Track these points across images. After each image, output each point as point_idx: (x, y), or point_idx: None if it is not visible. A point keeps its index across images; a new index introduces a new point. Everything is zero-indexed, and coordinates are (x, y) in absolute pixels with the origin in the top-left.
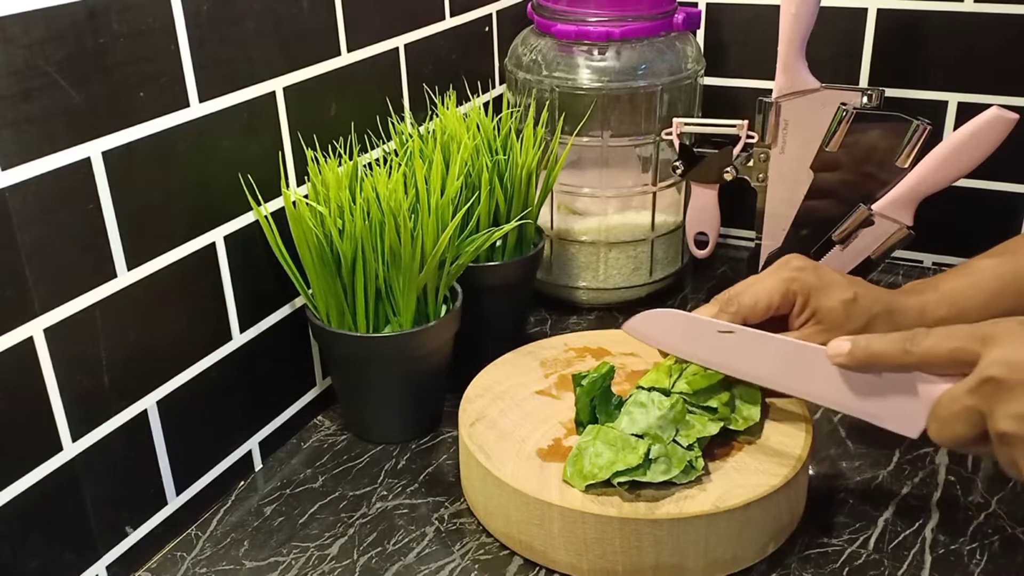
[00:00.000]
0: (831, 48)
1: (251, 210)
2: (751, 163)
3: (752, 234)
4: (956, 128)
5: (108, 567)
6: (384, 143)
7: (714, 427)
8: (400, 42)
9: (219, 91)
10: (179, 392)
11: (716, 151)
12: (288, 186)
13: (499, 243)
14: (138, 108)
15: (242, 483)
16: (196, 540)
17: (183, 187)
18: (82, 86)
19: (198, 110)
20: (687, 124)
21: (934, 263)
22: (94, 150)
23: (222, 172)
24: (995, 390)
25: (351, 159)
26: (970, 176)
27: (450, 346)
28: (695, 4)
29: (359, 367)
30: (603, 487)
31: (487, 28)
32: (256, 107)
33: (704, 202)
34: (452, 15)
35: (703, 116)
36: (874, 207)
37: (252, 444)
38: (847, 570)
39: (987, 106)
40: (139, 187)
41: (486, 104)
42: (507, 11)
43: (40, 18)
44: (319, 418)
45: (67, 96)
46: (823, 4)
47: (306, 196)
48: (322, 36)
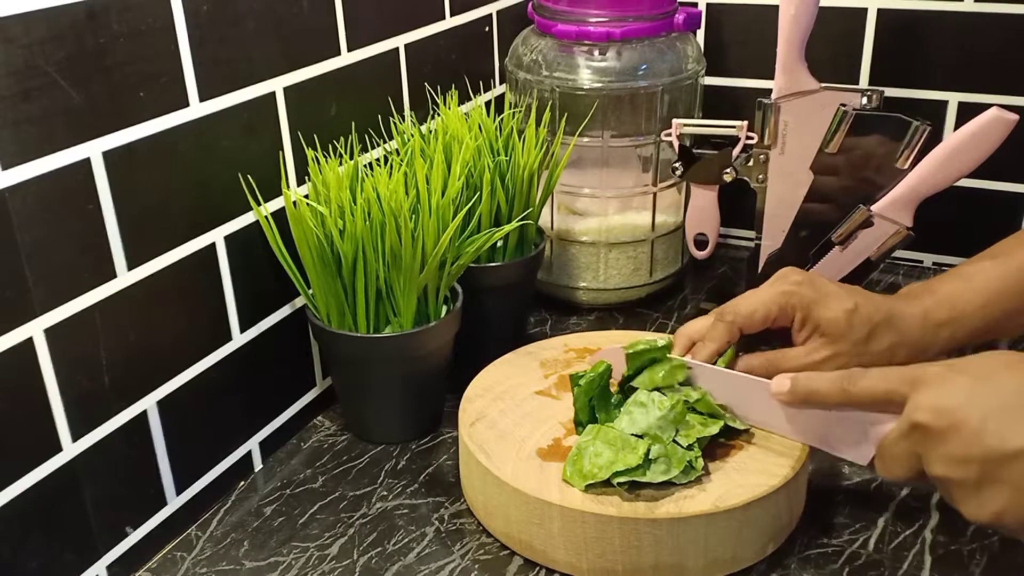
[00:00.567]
0: (831, 48)
1: (251, 210)
2: (751, 164)
3: (752, 234)
4: (956, 128)
5: (108, 567)
6: (385, 143)
7: (714, 427)
8: (400, 42)
9: (219, 91)
10: (179, 392)
11: (716, 152)
12: (288, 186)
13: (500, 243)
14: (138, 108)
15: (242, 483)
16: (196, 540)
17: (183, 187)
18: (82, 86)
19: (198, 110)
20: (687, 125)
21: (934, 263)
22: (94, 150)
23: (222, 172)
24: (924, 436)
25: (352, 159)
26: (970, 176)
27: (450, 346)
28: (695, 4)
29: (359, 367)
30: (603, 487)
31: (487, 28)
32: (256, 107)
33: (704, 203)
34: (452, 15)
35: (703, 116)
36: (874, 208)
37: (252, 444)
38: (847, 570)
39: (987, 106)
40: (139, 187)
41: (487, 104)
42: (507, 11)
43: (40, 18)
44: (319, 418)
45: (67, 96)
46: (823, 4)
47: (306, 196)
48: (322, 36)
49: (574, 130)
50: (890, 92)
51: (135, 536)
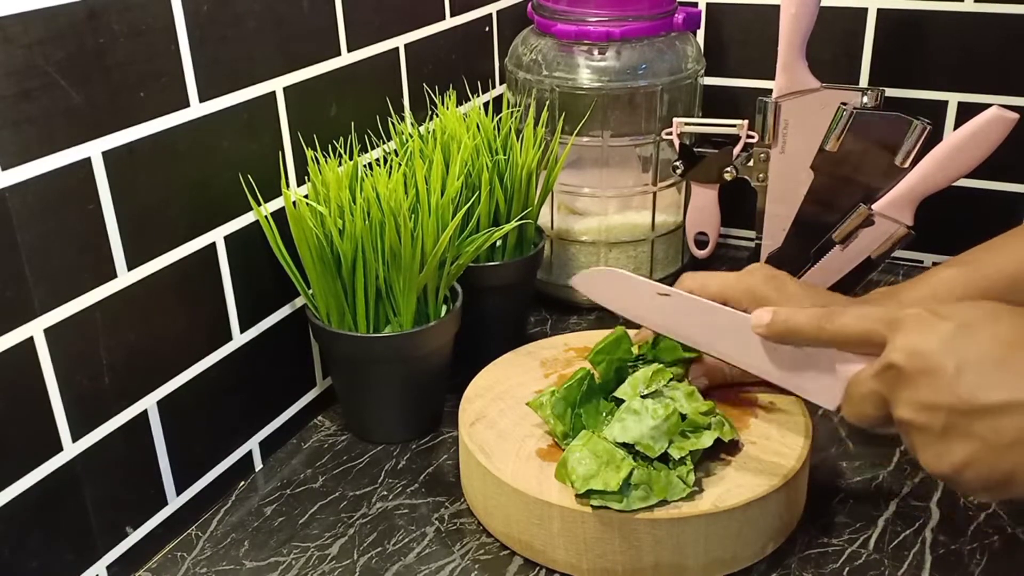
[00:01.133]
0: (831, 48)
1: (251, 210)
2: (751, 163)
3: (752, 234)
4: (956, 128)
5: (108, 567)
6: (384, 143)
7: (708, 439)
8: (400, 42)
9: (219, 91)
10: (179, 392)
11: (716, 151)
12: (288, 186)
13: (499, 243)
14: (138, 108)
15: (242, 483)
16: (196, 540)
17: (183, 187)
18: (82, 86)
19: (198, 110)
20: (687, 124)
21: (934, 263)
22: (94, 150)
23: (222, 172)
24: (895, 377)
25: (351, 159)
26: (970, 176)
27: (450, 346)
28: (695, 4)
29: (359, 367)
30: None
31: (487, 28)
32: (256, 107)
33: (704, 202)
34: (452, 15)
35: (703, 116)
36: (874, 207)
37: (252, 444)
38: (847, 570)
39: (987, 106)
40: (139, 187)
41: (486, 104)
42: (507, 11)
43: (40, 18)
44: (319, 418)
45: (67, 96)
46: (823, 4)
47: (306, 196)
48: (322, 36)
49: (573, 129)
50: (890, 92)
51: (135, 536)
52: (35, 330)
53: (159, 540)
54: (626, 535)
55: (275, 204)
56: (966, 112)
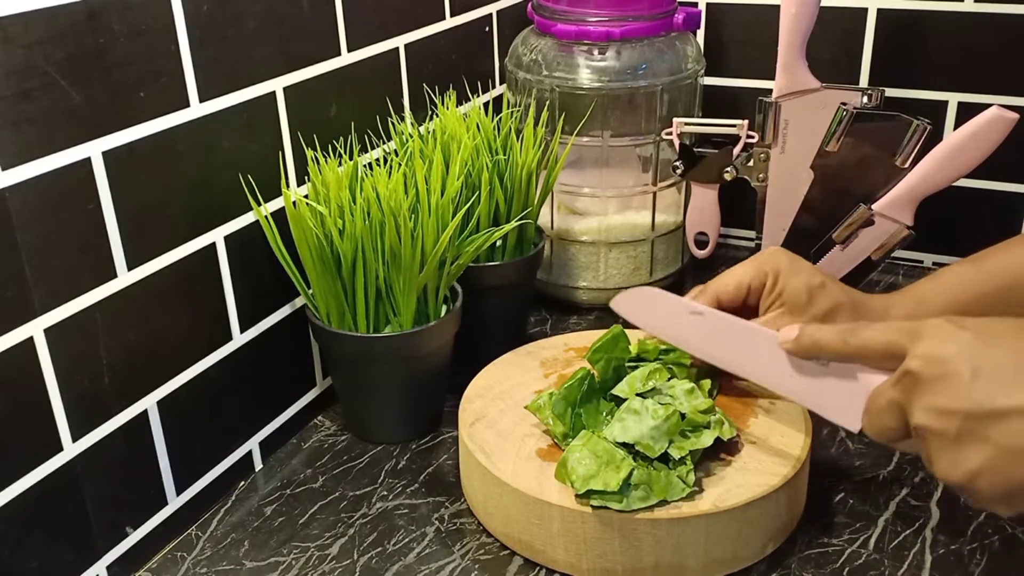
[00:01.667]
0: (831, 48)
1: (251, 210)
2: (751, 163)
3: (752, 234)
4: (956, 128)
5: (108, 567)
6: (384, 143)
7: (708, 438)
8: (400, 42)
9: (219, 91)
10: (179, 392)
11: (716, 151)
12: (288, 186)
13: (499, 243)
14: (138, 108)
15: (242, 483)
16: (196, 540)
17: (183, 187)
18: (82, 86)
19: (198, 110)
20: (687, 124)
21: (934, 263)
22: (94, 150)
23: (222, 172)
24: (912, 383)
25: (351, 159)
26: (970, 176)
27: (450, 346)
28: (695, 4)
29: (359, 367)
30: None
31: (487, 28)
32: (256, 107)
33: (704, 202)
34: (452, 15)
35: (703, 116)
36: (874, 207)
37: (252, 444)
38: (847, 570)
39: (987, 106)
40: (139, 187)
41: (486, 104)
42: (507, 11)
43: (40, 18)
44: (319, 418)
45: (67, 96)
46: (823, 4)
47: (306, 196)
48: (322, 36)
49: (573, 129)
50: (890, 92)
51: (135, 536)
52: (35, 330)
53: (159, 540)
54: (626, 535)
55: (275, 204)
56: (966, 112)
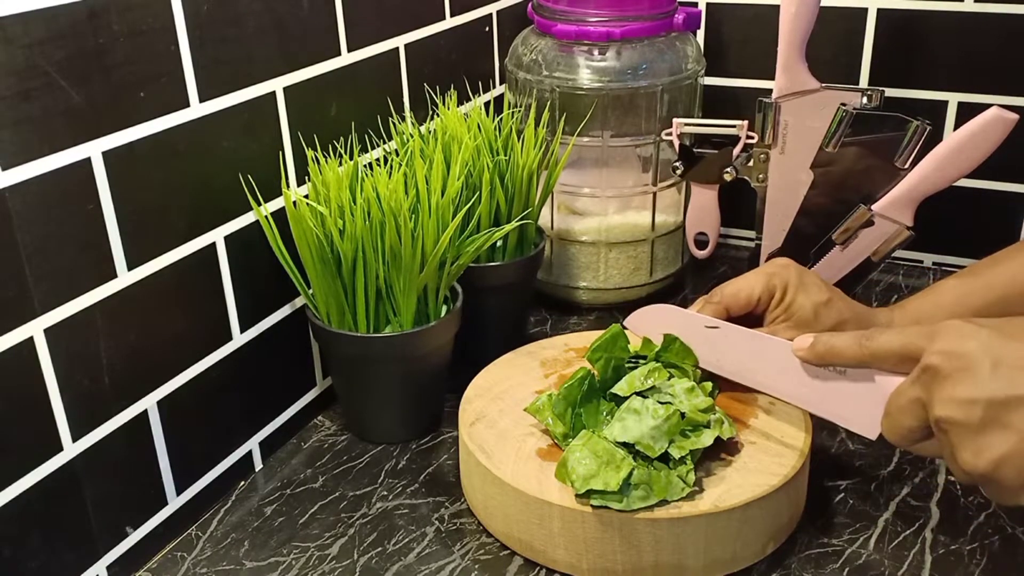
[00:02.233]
0: (831, 48)
1: (251, 210)
2: (751, 163)
3: (752, 234)
4: (956, 128)
5: (108, 567)
6: (384, 143)
7: (708, 438)
8: (400, 42)
9: (219, 91)
10: (179, 392)
11: (716, 151)
12: (288, 186)
13: (499, 243)
14: (138, 108)
15: (242, 483)
16: (196, 540)
17: (183, 187)
18: (82, 86)
19: (198, 110)
20: (687, 124)
21: (934, 263)
22: (94, 150)
23: (222, 172)
24: (932, 378)
25: (351, 159)
26: (970, 176)
27: (450, 346)
28: (695, 4)
29: (359, 367)
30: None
31: (487, 28)
32: (256, 107)
33: (704, 202)
34: (452, 15)
35: (703, 116)
36: (874, 207)
37: (252, 444)
38: (847, 570)
39: (987, 106)
40: (139, 187)
41: (487, 104)
42: (507, 11)
43: (40, 18)
44: (319, 418)
45: (67, 96)
46: (823, 4)
47: (306, 196)
48: (322, 36)
49: (574, 130)
50: (890, 92)
51: (135, 536)
52: (35, 330)
53: (159, 540)
54: (626, 535)
55: (275, 204)
56: (966, 112)
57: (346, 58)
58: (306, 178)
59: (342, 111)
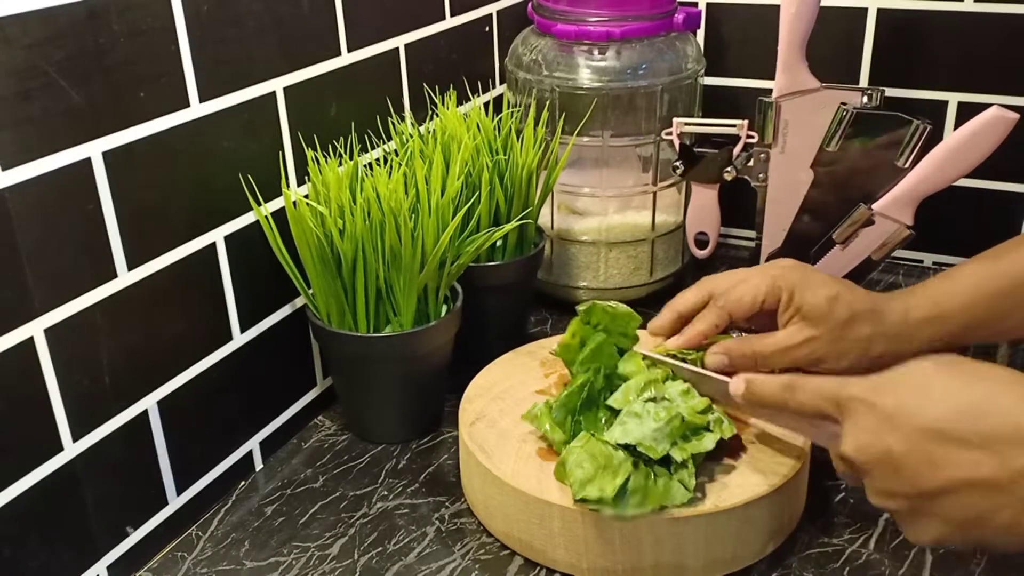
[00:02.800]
0: (831, 48)
1: (251, 210)
2: (751, 163)
3: (752, 234)
4: (956, 128)
5: (109, 567)
6: (384, 143)
7: (710, 441)
8: (400, 42)
9: (219, 91)
10: (179, 392)
11: (716, 151)
12: (288, 186)
13: (499, 243)
14: (138, 108)
15: (243, 483)
16: (197, 540)
17: (183, 187)
18: (82, 86)
19: (198, 110)
20: (687, 124)
21: (934, 263)
22: (94, 150)
23: (222, 172)
24: (852, 466)
25: (351, 159)
26: (970, 176)
27: (450, 346)
28: (695, 4)
29: (359, 367)
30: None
31: (487, 28)
32: (256, 107)
33: (704, 202)
34: (452, 15)
35: (703, 116)
36: (874, 207)
37: (252, 444)
38: (847, 570)
39: (987, 106)
40: (139, 187)
41: (486, 104)
42: (507, 11)
43: (40, 18)
44: (319, 418)
45: (67, 96)
46: (823, 4)
47: (306, 196)
48: (322, 36)
49: (573, 129)
50: (890, 92)
51: (135, 536)
52: (35, 330)
53: (159, 540)
54: (626, 535)
55: (275, 204)
56: (966, 112)
57: (346, 58)
58: (306, 178)
59: (342, 111)
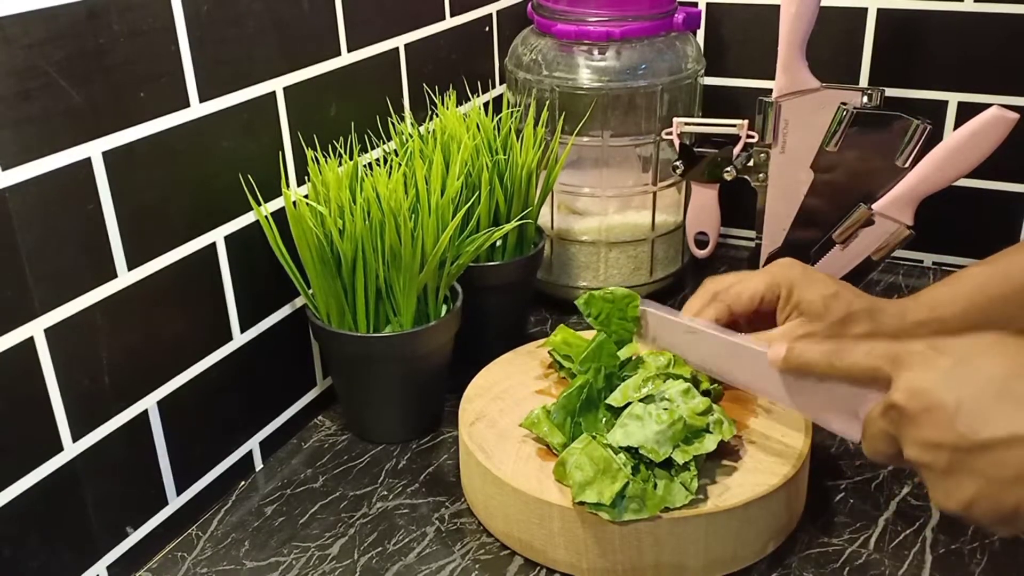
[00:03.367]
0: (831, 48)
1: (251, 210)
2: (751, 163)
3: (752, 234)
4: (956, 128)
5: (109, 567)
6: (384, 143)
7: (711, 443)
8: (400, 42)
9: (219, 91)
10: (179, 392)
11: (716, 151)
12: (288, 186)
13: (499, 243)
14: (138, 108)
15: (243, 483)
16: (197, 540)
17: (183, 187)
18: (82, 86)
19: (198, 110)
20: (687, 124)
21: (934, 263)
22: (94, 150)
23: (222, 172)
24: (899, 416)
25: (351, 159)
26: (970, 176)
27: (450, 346)
28: (695, 4)
29: (359, 367)
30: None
31: (487, 28)
32: (256, 107)
33: (704, 202)
34: (452, 15)
35: (703, 116)
36: (874, 207)
37: (252, 444)
38: (847, 570)
39: (987, 106)
40: (139, 187)
41: (486, 104)
42: (507, 11)
43: (40, 18)
44: (319, 418)
45: (67, 96)
46: (823, 4)
47: (306, 196)
48: (322, 36)
49: (573, 129)
50: (890, 92)
51: (135, 536)
52: (35, 330)
53: (159, 540)
54: (626, 535)
55: (275, 204)
56: (966, 112)
57: (346, 58)
58: (306, 178)
59: (342, 111)
